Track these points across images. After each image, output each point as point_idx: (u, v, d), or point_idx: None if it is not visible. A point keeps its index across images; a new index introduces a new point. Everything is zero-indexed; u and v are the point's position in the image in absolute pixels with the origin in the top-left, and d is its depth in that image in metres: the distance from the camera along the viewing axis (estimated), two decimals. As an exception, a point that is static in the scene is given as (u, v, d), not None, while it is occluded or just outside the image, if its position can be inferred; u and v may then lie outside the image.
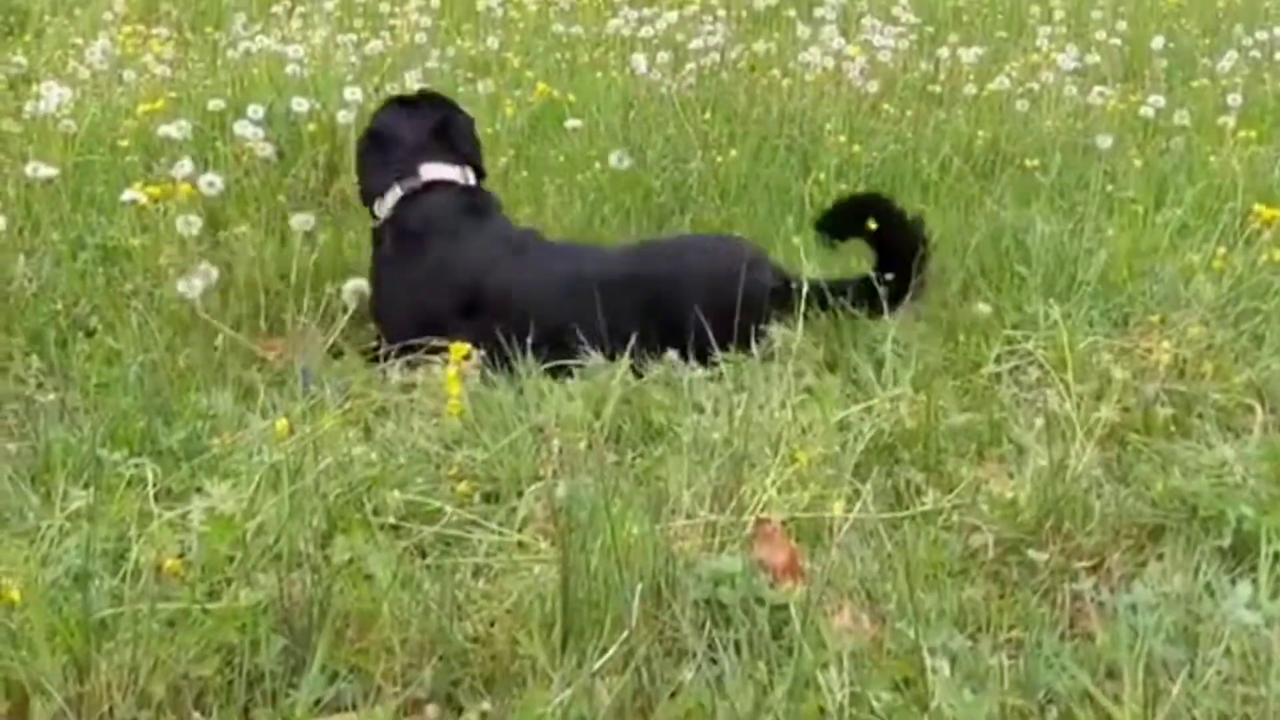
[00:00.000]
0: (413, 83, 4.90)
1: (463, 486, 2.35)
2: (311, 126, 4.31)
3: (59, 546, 2.06)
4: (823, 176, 4.22)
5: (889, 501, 2.30)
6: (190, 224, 3.05)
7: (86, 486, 2.22)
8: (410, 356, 2.89)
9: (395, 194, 3.21)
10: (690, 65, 5.60)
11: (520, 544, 2.17)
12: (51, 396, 2.73)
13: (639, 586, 1.77)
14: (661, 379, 2.75)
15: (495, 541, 2.18)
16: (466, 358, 2.55)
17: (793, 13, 6.98)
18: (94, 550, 1.94)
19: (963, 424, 2.60)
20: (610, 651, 1.76)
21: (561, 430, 2.56)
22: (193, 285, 2.86)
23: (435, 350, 2.80)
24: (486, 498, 2.39)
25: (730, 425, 2.40)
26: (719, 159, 4.36)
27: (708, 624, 1.87)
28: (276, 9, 7.20)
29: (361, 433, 2.58)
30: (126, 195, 3.23)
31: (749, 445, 2.32)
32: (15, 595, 1.83)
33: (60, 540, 2.08)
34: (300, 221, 3.09)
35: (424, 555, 2.16)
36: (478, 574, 2.11)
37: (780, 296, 2.98)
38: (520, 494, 2.35)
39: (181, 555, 1.97)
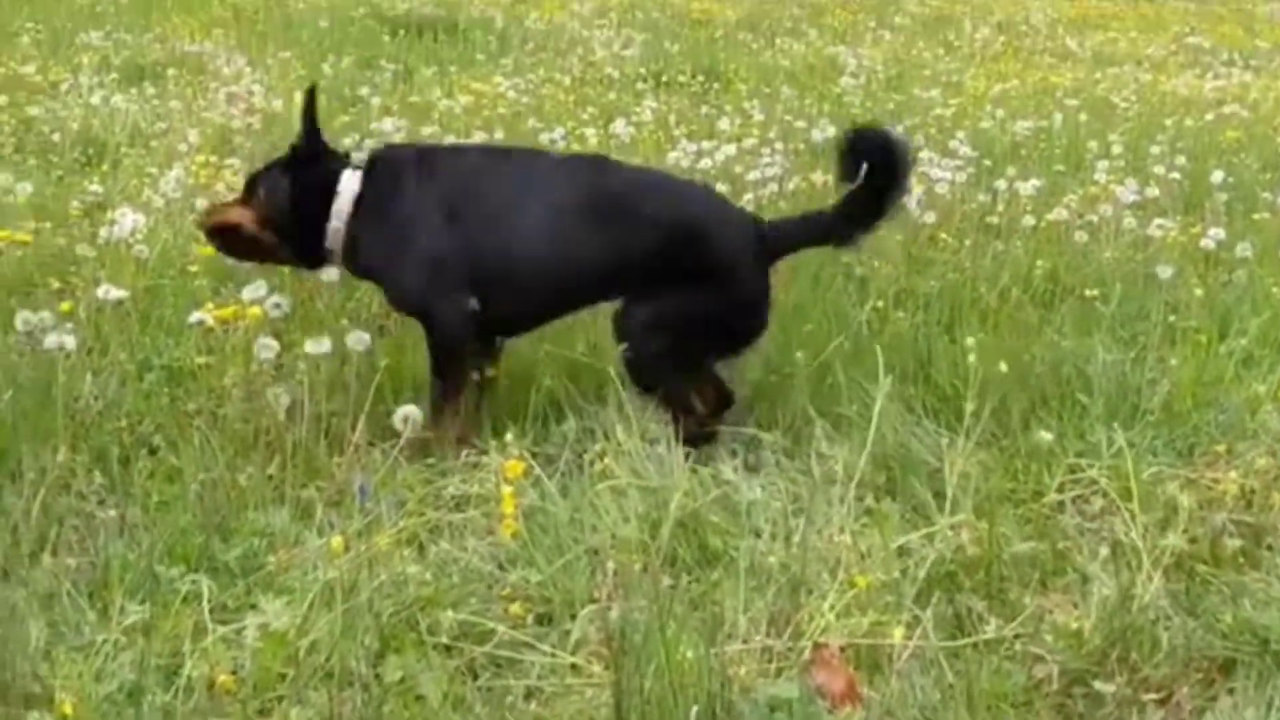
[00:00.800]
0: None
1: (516, 608, 2.33)
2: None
3: (114, 661, 2.06)
4: (880, 304, 4.22)
5: (950, 630, 2.25)
6: (267, 347, 3.12)
7: (143, 602, 2.22)
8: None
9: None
10: (748, 196, 5.67)
11: (573, 667, 2.15)
12: (112, 513, 2.76)
13: (694, 710, 1.73)
14: (719, 500, 2.73)
15: (548, 664, 2.15)
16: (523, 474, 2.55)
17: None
18: (148, 665, 1.94)
19: (1026, 552, 2.55)
20: (663, 778, 1.72)
21: (616, 553, 2.55)
22: (281, 399, 3.00)
23: None
24: (539, 619, 2.37)
25: (788, 549, 2.38)
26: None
27: (764, 751, 1.82)
28: (345, 140, 7.39)
29: (416, 551, 2.57)
30: (194, 317, 3.31)
31: (807, 570, 2.29)
32: (69, 709, 1.83)
33: (116, 655, 2.08)
34: (355, 339, 3.14)
35: (475, 676, 2.14)
36: (529, 696, 2.09)
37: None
38: (574, 616, 2.33)
39: (234, 672, 1.96)
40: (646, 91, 9.46)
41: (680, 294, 3.17)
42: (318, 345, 3.16)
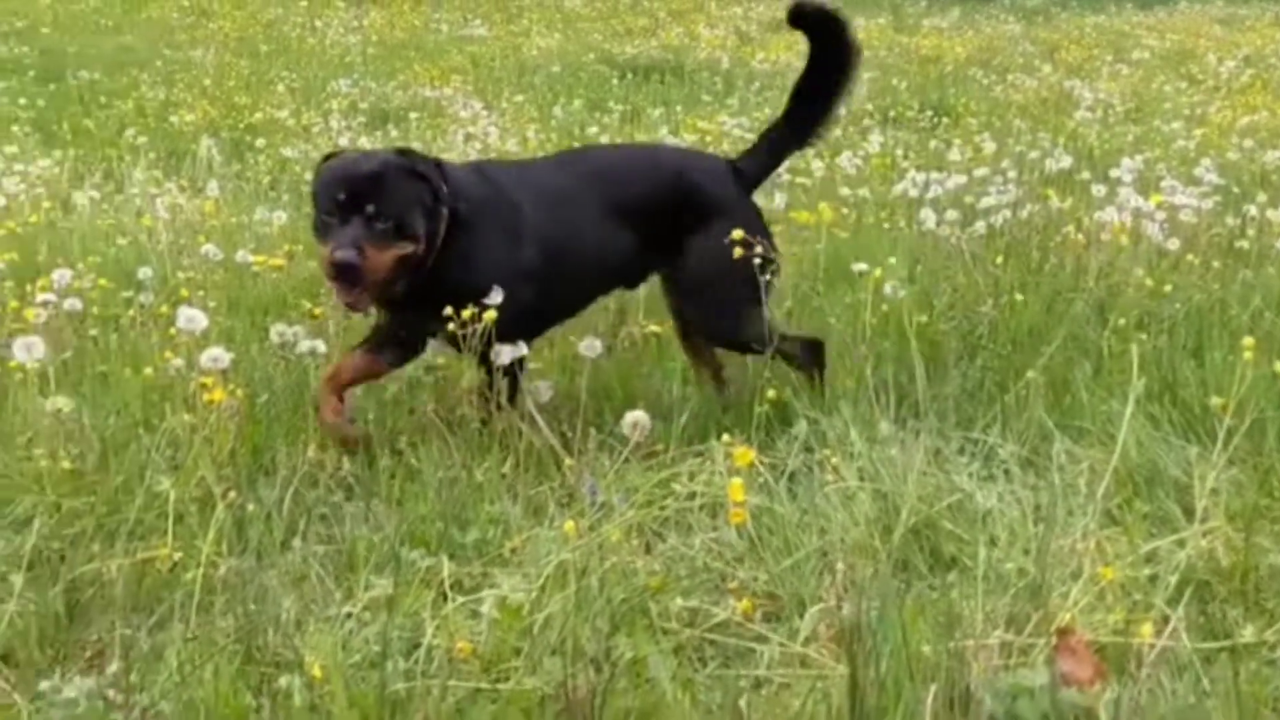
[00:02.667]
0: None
1: (744, 603, 2.32)
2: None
3: (358, 634, 2.14)
4: (1122, 321, 4.06)
5: (1202, 634, 2.13)
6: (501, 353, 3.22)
7: (386, 579, 2.30)
8: None
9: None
10: (979, 223, 5.55)
11: (802, 661, 2.12)
12: (359, 505, 2.88)
13: (932, 690, 1.68)
14: (954, 506, 2.66)
15: (778, 656, 2.12)
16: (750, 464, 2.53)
17: (1087, 175, 6.86)
18: (390, 635, 2.00)
19: (1286, 565, 2.40)
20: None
21: (846, 556, 2.51)
22: (541, 391, 3.26)
23: None
24: (766, 617, 2.35)
25: (1026, 554, 2.30)
26: (1009, 308, 4.27)
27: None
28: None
29: (643, 546, 2.59)
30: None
31: (1048, 574, 2.20)
32: (317, 671, 1.91)
33: (360, 629, 2.16)
34: (588, 346, 3.20)
35: (704, 664, 2.13)
36: (759, 686, 2.06)
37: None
38: (802, 614, 2.30)
39: (471, 642, 2.01)
40: (873, 127, 9.39)
41: (701, 244, 3.44)
42: (590, 348, 3.33)
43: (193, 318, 3.14)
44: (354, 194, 3.09)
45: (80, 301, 4.04)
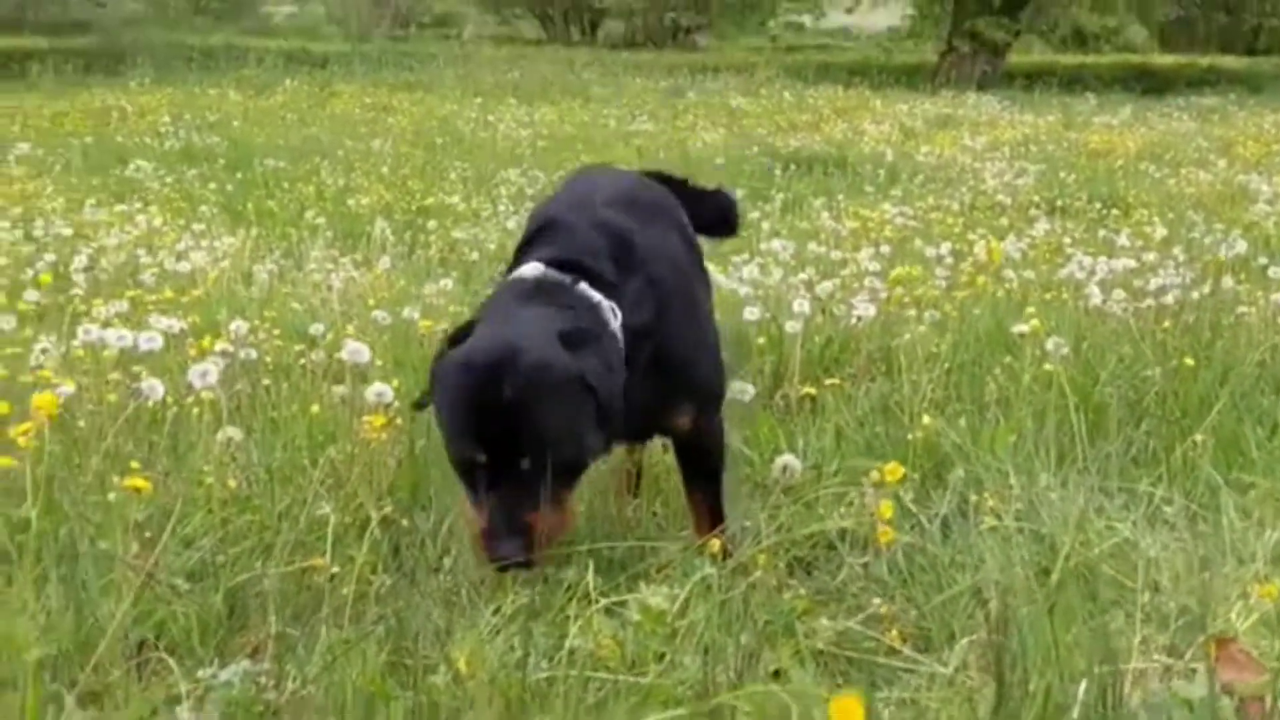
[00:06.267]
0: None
1: (894, 634, 2.27)
2: (760, 339, 4.52)
3: (504, 639, 2.16)
4: (1298, 388, 3.91)
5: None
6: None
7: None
8: None
9: None
10: (1148, 302, 5.41)
11: (950, 681, 2.06)
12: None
13: (1080, 696, 1.62)
14: (1114, 550, 2.57)
15: (925, 675, 2.08)
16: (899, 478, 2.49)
17: (1264, 260, 6.64)
18: (534, 631, 2.02)
19: None
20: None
21: (1000, 594, 2.44)
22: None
23: None
24: (916, 648, 2.29)
25: (1190, 595, 2.21)
26: (1178, 376, 4.14)
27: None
28: (735, 258, 7.65)
29: (788, 572, 2.57)
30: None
31: (1210, 610, 2.11)
32: (463, 665, 1.94)
33: (504, 630, 2.19)
34: (738, 390, 3.22)
35: (849, 684, 2.10)
36: (903, 705, 2.01)
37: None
38: (952, 648, 2.25)
39: (614, 636, 2.01)
40: (1039, 216, 9.26)
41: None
42: (742, 392, 3.32)
43: (357, 350, 3.26)
44: (495, 444, 2.22)
45: (255, 352, 4.23)
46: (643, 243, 2.62)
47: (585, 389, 2.25)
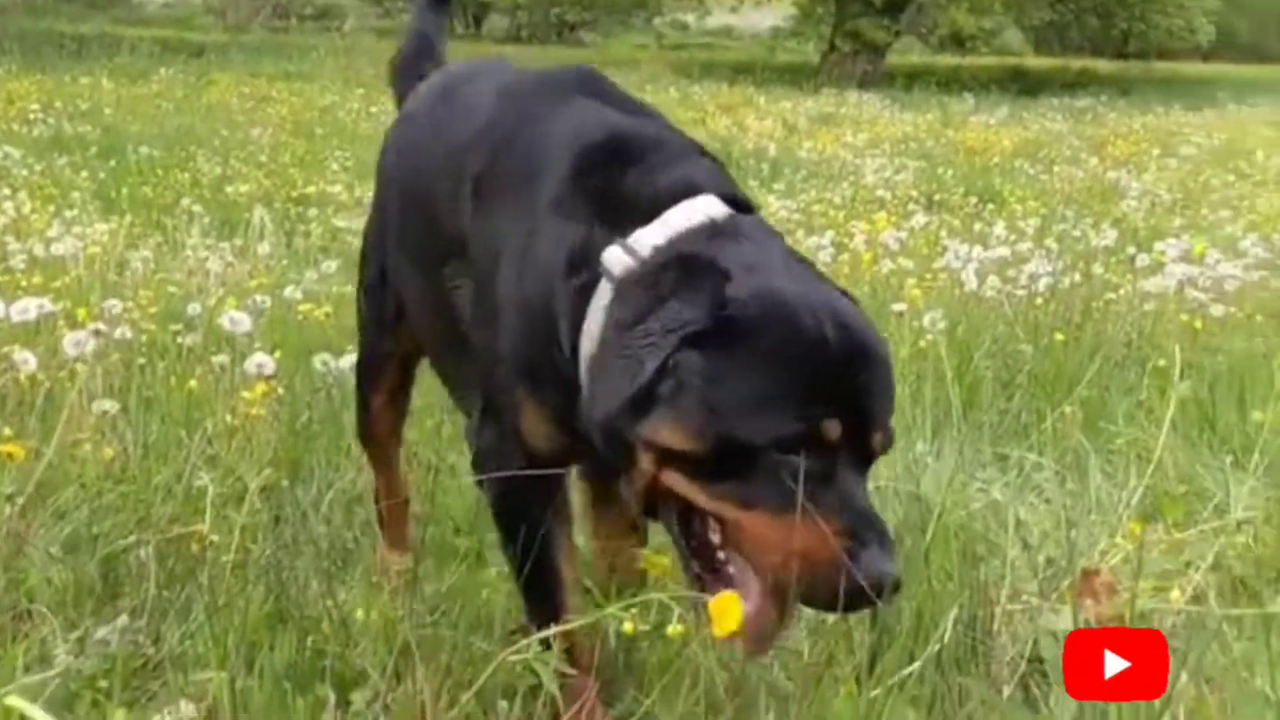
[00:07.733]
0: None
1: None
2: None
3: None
4: (1162, 362, 4.05)
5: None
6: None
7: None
8: None
9: None
10: (1021, 290, 5.57)
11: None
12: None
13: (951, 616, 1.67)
14: (987, 509, 2.65)
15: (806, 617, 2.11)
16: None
17: (1131, 250, 6.88)
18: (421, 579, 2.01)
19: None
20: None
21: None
22: None
23: None
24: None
25: (1058, 548, 2.28)
26: (1049, 352, 4.26)
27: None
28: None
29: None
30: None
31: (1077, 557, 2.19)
32: (360, 612, 1.93)
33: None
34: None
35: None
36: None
37: None
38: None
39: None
40: (917, 210, 9.46)
41: None
42: None
43: (238, 320, 3.21)
44: (856, 415, 1.67)
45: (130, 331, 4.13)
46: None
47: None
